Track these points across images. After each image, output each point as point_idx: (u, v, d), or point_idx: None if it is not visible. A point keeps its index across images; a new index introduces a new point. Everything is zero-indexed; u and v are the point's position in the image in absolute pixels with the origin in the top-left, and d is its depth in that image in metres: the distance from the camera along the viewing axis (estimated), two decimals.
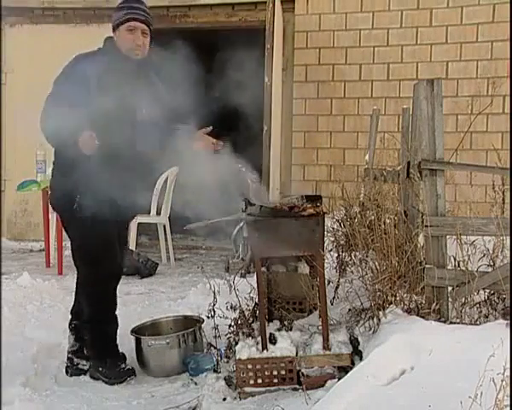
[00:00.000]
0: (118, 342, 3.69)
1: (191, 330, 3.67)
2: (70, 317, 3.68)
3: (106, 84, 3.20)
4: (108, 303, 3.56)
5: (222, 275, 5.09)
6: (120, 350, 3.69)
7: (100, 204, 3.22)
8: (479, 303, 3.25)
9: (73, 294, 3.70)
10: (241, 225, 6.12)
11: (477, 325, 3.05)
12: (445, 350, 2.62)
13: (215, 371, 3.41)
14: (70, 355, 3.62)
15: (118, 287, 3.65)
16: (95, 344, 3.57)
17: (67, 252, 6.40)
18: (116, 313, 3.63)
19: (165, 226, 6.37)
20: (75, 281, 3.66)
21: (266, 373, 3.14)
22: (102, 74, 3.24)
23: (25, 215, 7.62)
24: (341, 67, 6.82)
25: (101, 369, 3.51)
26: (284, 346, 3.16)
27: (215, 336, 3.66)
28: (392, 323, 3.06)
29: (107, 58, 3.33)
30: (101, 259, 3.43)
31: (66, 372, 3.60)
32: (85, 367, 3.58)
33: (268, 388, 3.14)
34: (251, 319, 3.49)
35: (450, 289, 3.23)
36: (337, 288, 3.72)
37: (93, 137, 3.10)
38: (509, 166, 4.03)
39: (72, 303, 3.70)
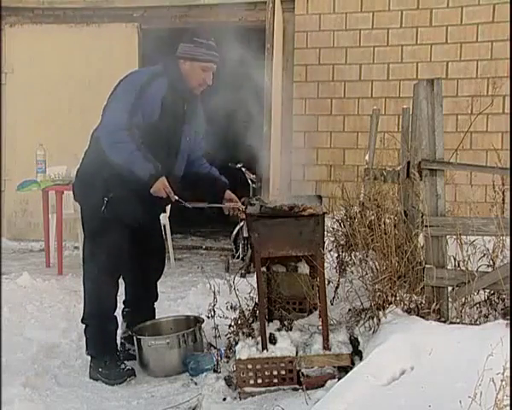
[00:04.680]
0: (118, 342, 3.71)
1: (191, 330, 3.67)
2: (123, 306, 3.84)
3: (168, 111, 3.40)
4: (108, 302, 3.57)
5: (222, 275, 5.10)
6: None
7: (127, 210, 3.42)
8: (479, 303, 3.25)
9: (74, 294, 3.71)
10: (241, 225, 6.15)
11: (477, 325, 3.05)
12: (445, 350, 2.63)
13: (215, 371, 3.42)
14: (122, 341, 3.79)
15: (120, 287, 3.71)
16: (94, 343, 3.58)
17: (67, 252, 6.45)
18: (115, 313, 3.64)
19: (165, 226, 6.36)
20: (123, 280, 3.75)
21: (266, 373, 3.14)
22: (167, 101, 3.40)
23: (25, 215, 7.63)
24: (341, 67, 6.82)
25: (100, 369, 3.52)
26: (284, 346, 3.16)
27: (215, 336, 3.67)
28: (392, 323, 3.06)
29: (172, 86, 3.44)
30: (109, 259, 3.46)
31: (119, 358, 3.61)
32: (135, 353, 3.68)
33: (268, 388, 3.14)
34: (251, 319, 3.49)
35: (450, 289, 3.23)
36: (337, 288, 3.72)
37: (167, 186, 3.36)
38: (509, 166, 4.03)
39: (124, 293, 3.82)
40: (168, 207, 6.32)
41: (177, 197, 3.43)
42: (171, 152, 3.52)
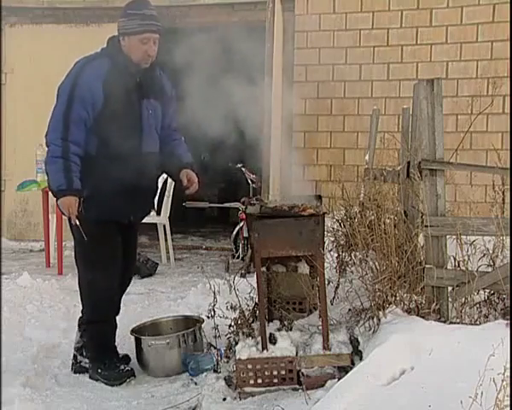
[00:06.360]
0: (117, 343, 3.69)
1: (191, 330, 3.67)
2: (80, 315, 3.67)
3: (114, 91, 3.25)
4: (108, 305, 3.54)
5: (222, 275, 5.09)
6: (122, 351, 3.72)
7: (105, 207, 3.31)
8: (479, 303, 3.26)
9: (74, 294, 3.70)
10: (241, 225, 6.15)
11: (477, 325, 3.05)
12: (445, 350, 2.63)
13: (215, 371, 3.41)
14: (75, 352, 3.64)
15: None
16: (94, 346, 3.56)
17: (67, 252, 6.43)
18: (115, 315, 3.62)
19: (165, 226, 6.37)
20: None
21: (266, 373, 3.14)
22: (110, 82, 3.25)
23: (25, 215, 7.62)
24: (341, 67, 6.81)
25: (100, 371, 3.50)
26: (284, 346, 3.16)
27: (215, 336, 3.67)
28: (392, 323, 3.06)
29: (115, 65, 3.31)
30: (103, 262, 3.42)
31: (71, 369, 3.61)
32: (87, 366, 3.58)
33: (268, 388, 3.14)
34: (251, 319, 3.49)
35: (450, 289, 3.23)
36: (337, 288, 3.73)
37: (71, 207, 3.22)
38: (509, 166, 4.03)
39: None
40: (168, 208, 6.34)
41: (77, 222, 3.27)
42: (133, 129, 3.35)
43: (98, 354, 3.53)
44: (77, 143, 3.24)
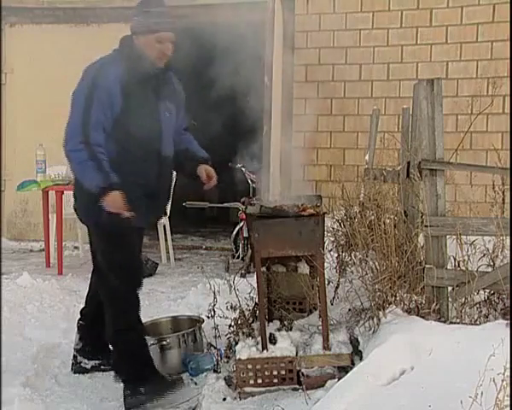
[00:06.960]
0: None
1: (191, 330, 3.67)
2: (79, 316, 3.67)
3: (132, 93, 3.12)
4: (134, 309, 3.32)
5: (222, 275, 5.09)
6: None
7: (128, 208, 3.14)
8: (479, 303, 3.25)
9: (74, 294, 3.70)
10: (241, 225, 6.15)
11: (477, 325, 3.05)
12: (445, 350, 2.63)
13: (215, 371, 3.42)
14: (75, 353, 3.63)
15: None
16: (128, 358, 3.26)
17: (67, 252, 6.45)
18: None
19: (165, 226, 6.37)
20: (86, 282, 3.60)
21: (266, 373, 3.14)
22: (128, 83, 3.12)
23: (25, 215, 7.62)
24: (341, 67, 6.82)
25: (142, 389, 3.18)
26: (284, 346, 3.16)
27: (215, 336, 3.67)
28: (392, 323, 3.06)
29: (131, 66, 3.16)
30: (129, 269, 3.27)
31: (71, 369, 3.61)
32: (87, 366, 3.58)
33: (268, 388, 3.14)
34: (251, 319, 3.49)
35: (450, 289, 3.23)
36: (337, 288, 3.73)
37: (116, 201, 3.03)
38: (509, 166, 4.03)
39: (84, 303, 3.69)
40: (168, 208, 6.34)
41: (127, 214, 3.06)
42: (153, 133, 3.22)
43: (135, 367, 3.22)
44: (99, 145, 3.07)
